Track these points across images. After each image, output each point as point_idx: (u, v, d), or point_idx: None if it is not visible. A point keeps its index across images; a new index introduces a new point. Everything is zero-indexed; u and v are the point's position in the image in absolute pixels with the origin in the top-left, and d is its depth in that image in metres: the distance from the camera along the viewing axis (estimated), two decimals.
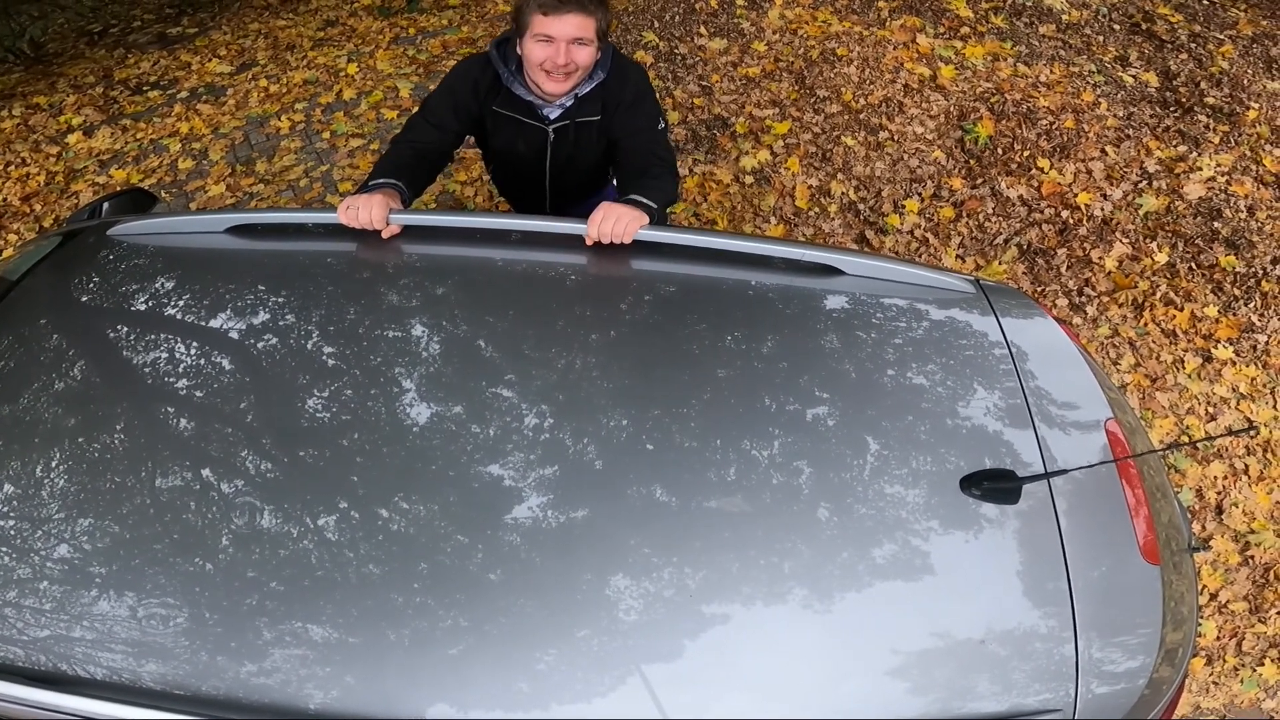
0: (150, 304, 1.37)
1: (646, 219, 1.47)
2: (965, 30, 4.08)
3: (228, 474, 1.11)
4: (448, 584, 1.03)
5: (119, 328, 1.34)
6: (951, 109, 3.67)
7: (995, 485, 1.16)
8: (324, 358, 1.25)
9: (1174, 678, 1.17)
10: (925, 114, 3.65)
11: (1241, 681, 2.27)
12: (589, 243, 1.44)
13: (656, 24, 4.28)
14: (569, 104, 1.75)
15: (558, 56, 1.58)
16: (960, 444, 1.22)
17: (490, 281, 1.45)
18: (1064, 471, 1.18)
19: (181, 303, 1.37)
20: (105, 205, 2.01)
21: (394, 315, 1.34)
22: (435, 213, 1.71)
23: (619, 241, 1.42)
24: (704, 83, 3.85)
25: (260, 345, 1.27)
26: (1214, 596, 2.39)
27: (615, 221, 1.42)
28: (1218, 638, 2.35)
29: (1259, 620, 2.38)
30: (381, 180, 1.62)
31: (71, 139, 4.18)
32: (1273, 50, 4.40)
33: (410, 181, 1.68)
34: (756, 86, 3.81)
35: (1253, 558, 2.46)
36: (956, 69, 3.84)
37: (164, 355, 1.28)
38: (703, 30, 4.16)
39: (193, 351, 1.27)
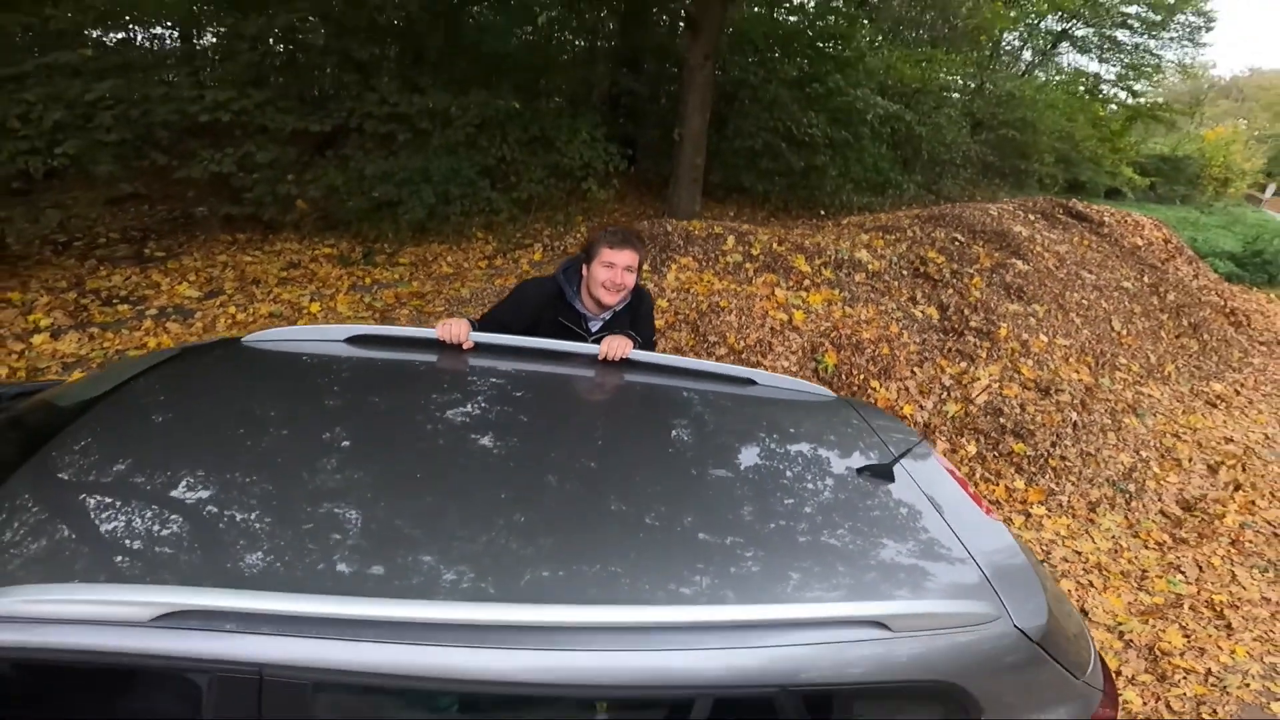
0: (285, 393, 1.58)
1: (632, 345, 2.00)
2: (807, 282, 5.08)
3: (350, 504, 1.25)
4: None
5: (257, 410, 1.50)
6: (805, 345, 4.50)
7: (876, 469, 1.59)
8: (423, 432, 1.49)
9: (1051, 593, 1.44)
10: (788, 350, 4.46)
11: None
12: (600, 359, 1.94)
13: None
14: (608, 318, 2.21)
15: (616, 277, 2.11)
16: (852, 461, 1.65)
17: (537, 383, 1.84)
18: (906, 453, 1.64)
19: (309, 393, 1.59)
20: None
21: (467, 404, 1.68)
22: (502, 335, 1.98)
23: (619, 357, 1.93)
24: None
25: (373, 423, 1.50)
26: (1118, 673, 2.60)
27: (617, 345, 1.95)
28: (1145, 703, 2.52)
29: (1170, 686, 2.57)
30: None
31: (37, 339, 4.00)
32: (1007, 278, 5.66)
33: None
34: (663, 336, 4.51)
35: (1133, 641, 2.76)
36: (805, 313, 4.74)
37: (293, 432, 1.43)
38: None
39: (316, 429, 1.44)
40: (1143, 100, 20.93)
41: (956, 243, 6.10)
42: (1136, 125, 19.11)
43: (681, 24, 7.81)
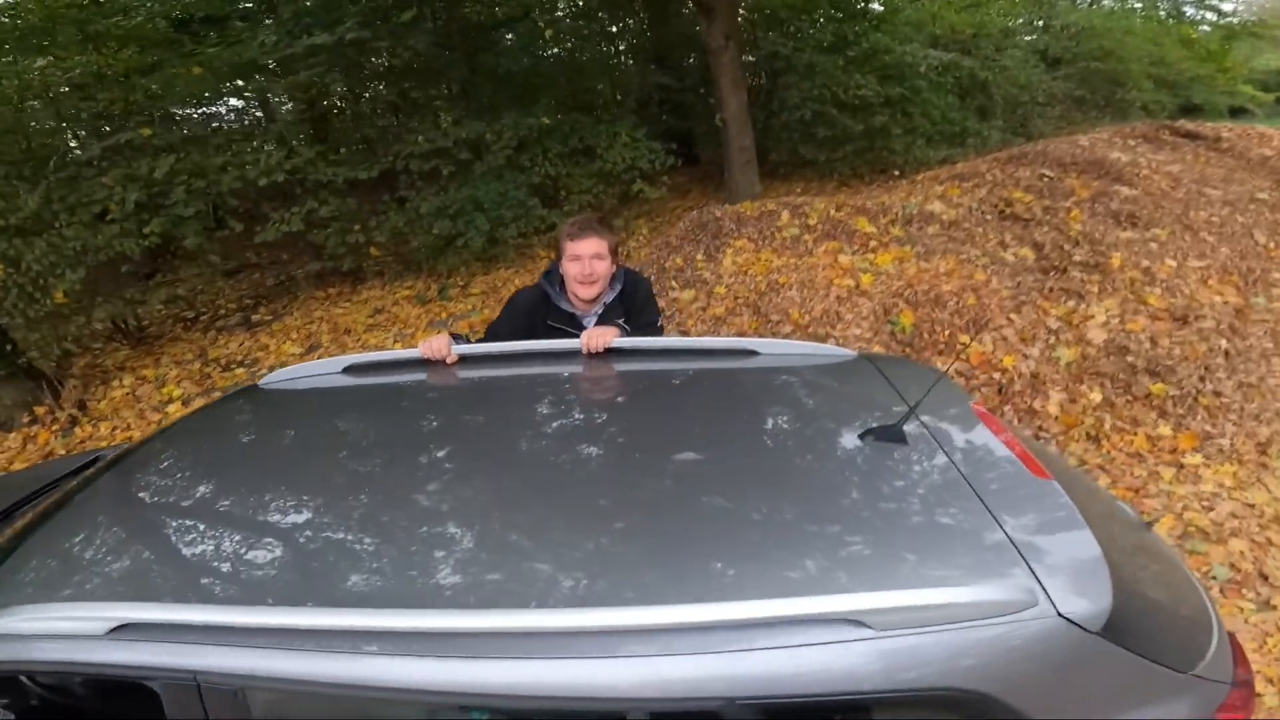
0: (293, 419, 1.73)
1: (616, 333, 1.84)
2: (873, 244, 4.48)
3: (352, 514, 1.28)
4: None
5: (274, 433, 1.66)
6: (877, 308, 3.92)
7: (883, 432, 1.32)
8: (410, 444, 1.50)
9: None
10: (858, 317, 3.89)
11: None
12: (584, 353, 1.81)
13: None
14: (600, 312, 2.07)
15: (585, 268, 1.99)
16: (860, 426, 1.38)
17: (523, 384, 1.77)
18: (920, 401, 1.38)
19: (314, 415, 1.73)
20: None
21: (457, 413, 1.66)
22: (483, 344, 1.93)
23: (602, 348, 1.79)
24: (682, 328, 4.13)
25: (369, 436, 1.55)
26: None
27: (597, 336, 1.81)
28: None
29: None
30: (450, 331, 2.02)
31: (171, 409, 4.28)
32: (1112, 205, 4.81)
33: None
34: (723, 323, 4.09)
35: None
36: (873, 275, 4.15)
37: (300, 449, 1.55)
38: (674, 284, 4.55)
39: (321, 445, 1.54)
40: (1235, 20, 18.23)
41: (1045, 179, 5.28)
42: (1240, 45, 16.56)
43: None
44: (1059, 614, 0.97)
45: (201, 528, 1.30)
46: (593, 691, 0.96)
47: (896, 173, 7.42)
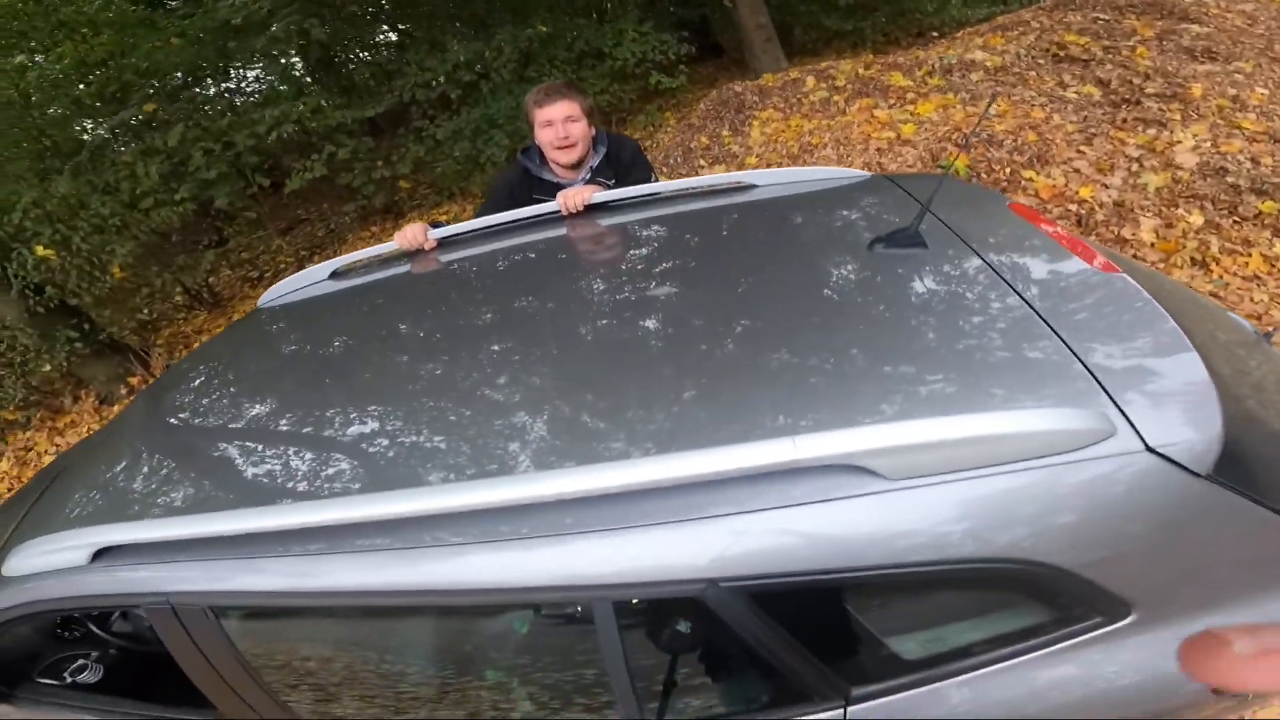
0: (290, 325, 1.66)
1: (595, 189, 1.72)
2: (911, 95, 3.95)
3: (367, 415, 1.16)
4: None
5: (278, 342, 1.60)
6: (923, 155, 3.43)
7: (897, 237, 1.12)
8: (403, 330, 1.40)
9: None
10: (904, 166, 3.41)
11: None
12: (564, 214, 1.70)
13: (664, 168, 4.22)
14: (587, 177, 1.90)
15: (559, 132, 1.83)
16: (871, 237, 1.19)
17: (511, 255, 1.62)
18: (931, 198, 1.16)
19: (309, 319, 1.65)
20: None
21: (443, 295, 1.53)
22: (461, 225, 1.78)
23: (578, 206, 1.68)
24: None
25: (358, 329, 1.48)
26: None
27: (574, 195, 1.69)
28: None
29: None
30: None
31: None
32: (1184, 42, 4.20)
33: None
34: None
35: None
36: (916, 125, 3.65)
37: (303, 350, 1.49)
38: (701, 162, 4.08)
39: (318, 346, 1.48)
40: None
41: (1100, 21, 4.65)
42: None
43: None
44: (1148, 448, 0.68)
45: (213, 450, 1.22)
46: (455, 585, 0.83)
47: (935, 34, 6.75)
